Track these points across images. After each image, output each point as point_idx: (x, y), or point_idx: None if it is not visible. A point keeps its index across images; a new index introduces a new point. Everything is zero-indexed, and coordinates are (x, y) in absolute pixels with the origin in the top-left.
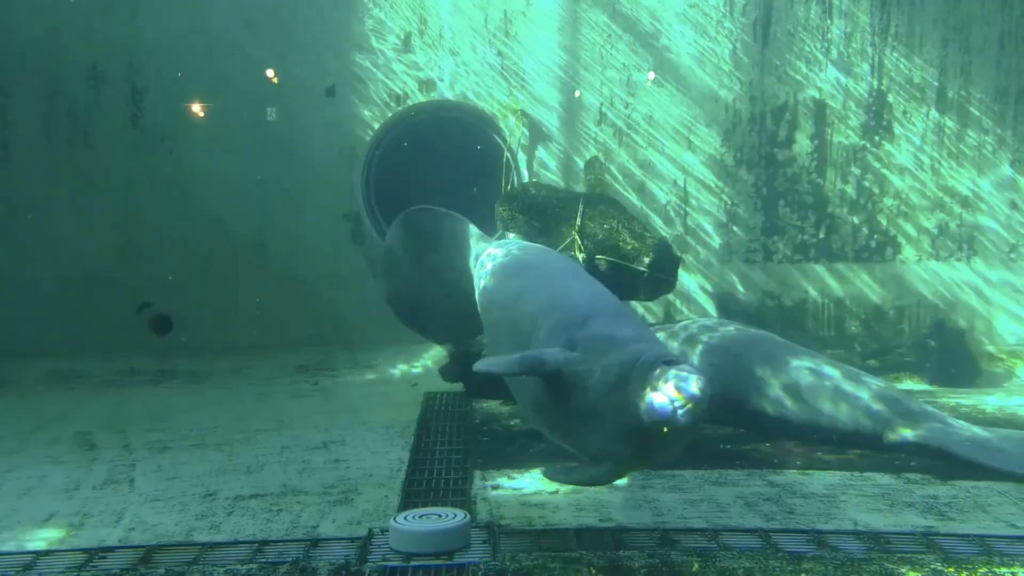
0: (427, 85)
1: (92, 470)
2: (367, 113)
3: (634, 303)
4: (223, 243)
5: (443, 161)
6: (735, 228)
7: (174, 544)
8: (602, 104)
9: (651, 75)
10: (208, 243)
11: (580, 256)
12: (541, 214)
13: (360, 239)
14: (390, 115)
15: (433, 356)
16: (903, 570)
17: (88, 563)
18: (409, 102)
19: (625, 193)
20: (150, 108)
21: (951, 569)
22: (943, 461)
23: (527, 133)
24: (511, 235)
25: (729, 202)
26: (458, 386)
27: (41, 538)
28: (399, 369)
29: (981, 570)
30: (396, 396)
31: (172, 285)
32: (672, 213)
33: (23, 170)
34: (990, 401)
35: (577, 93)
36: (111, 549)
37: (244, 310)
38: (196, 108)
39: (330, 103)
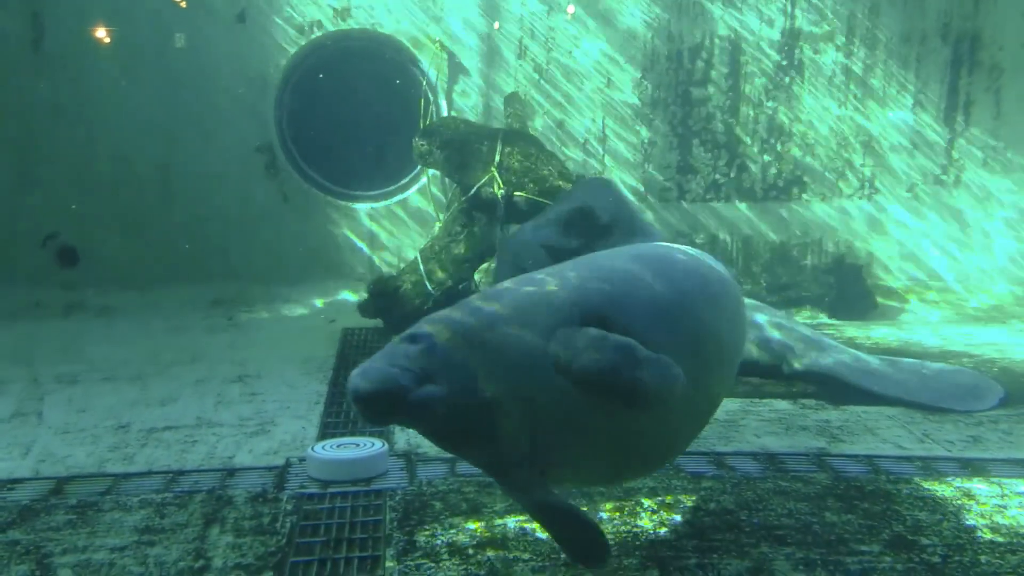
0: (342, 13)
1: None
2: (279, 41)
3: None
4: (128, 173)
5: (359, 93)
6: (651, 166)
7: (86, 475)
8: (522, 38)
9: (570, 8)
10: (113, 173)
11: (499, 192)
12: (460, 149)
13: (274, 171)
14: (303, 44)
15: (351, 292)
16: (796, 487)
17: None
18: (323, 30)
19: (544, 129)
20: (52, 32)
21: (842, 486)
22: (837, 388)
23: (446, 66)
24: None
25: (645, 140)
26: (377, 322)
27: None
28: (316, 305)
29: (869, 488)
30: (314, 332)
31: (76, 216)
32: (590, 150)
33: None
34: (883, 332)
35: (497, 25)
36: (20, 481)
37: (152, 242)
38: (100, 33)
39: (241, 30)
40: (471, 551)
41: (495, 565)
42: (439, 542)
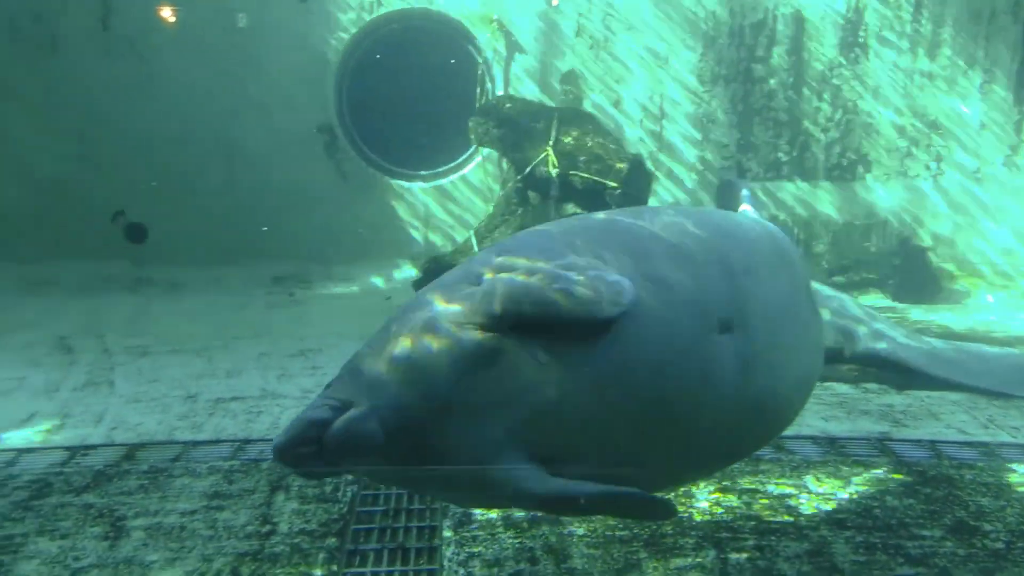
0: None
1: (71, 373)
2: (340, 22)
3: None
4: (193, 152)
5: (418, 73)
6: (710, 145)
7: (157, 442)
8: (580, 14)
9: None
10: (178, 152)
11: (553, 172)
12: (515, 128)
13: (334, 151)
14: (363, 24)
15: (407, 270)
16: (857, 471)
17: (71, 459)
18: (383, 10)
19: (601, 107)
20: (121, 11)
21: (898, 476)
22: (900, 372)
23: (503, 45)
24: None
25: (705, 119)
26: None
27: (23, 437)
28: (373, 282)
29: (931, 473)
30: (371, 308)
31: (144, 193)
32: (647, 129)
33: None
34: (948, 316)
35: (555, 2)
36: (93, 447)
37: (216, 220)
38: (166, 13)
39: (302, 10)
40: (526, 525)
41: (550, 539)
42: (494, 515)
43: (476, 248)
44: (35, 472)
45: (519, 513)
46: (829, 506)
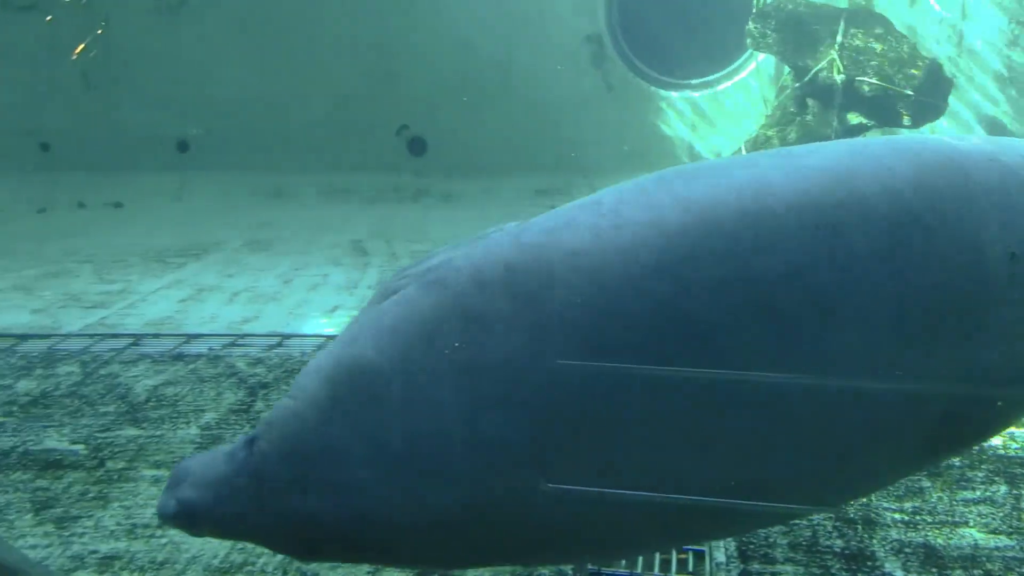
0: None
1: (366, 272)
2: None
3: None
4: (470, 66)
5: None
6: (1017, 50)
7: None
8: None
9: None
10: (457, 66)
11: (838, 78)
12: (796, 31)
13: (601, 60)
14: None
15: None
16: None
17: None
18: None
19: (895, 7)
20: None
21: None
22: None
23: None
24: None
25: (1013, 19)
26: None
27: (331, 324)
28: None
29: None
30: None
31: (426, 107)
32: (947, 31)
33: None
34: None
35: None
36: None
37: (490, 133)
38: None
39: None
40: None
41: None
42: None
43: None
44: None
45: None
46: None
